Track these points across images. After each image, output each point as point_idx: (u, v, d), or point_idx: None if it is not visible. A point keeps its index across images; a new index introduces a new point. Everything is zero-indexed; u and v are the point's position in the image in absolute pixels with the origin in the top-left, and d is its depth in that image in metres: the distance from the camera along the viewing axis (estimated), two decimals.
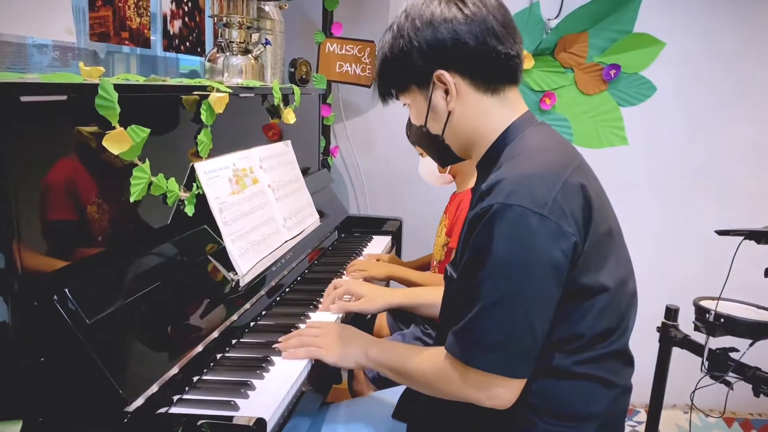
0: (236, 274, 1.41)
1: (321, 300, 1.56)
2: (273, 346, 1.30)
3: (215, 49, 1.92)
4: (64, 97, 0.95)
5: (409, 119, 1.86)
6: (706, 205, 2.66)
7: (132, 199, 1.15)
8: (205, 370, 1.19)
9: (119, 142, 1.05)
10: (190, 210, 1.35)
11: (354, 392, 1.79)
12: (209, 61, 1.91)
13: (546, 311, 1.01)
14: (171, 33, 2.10)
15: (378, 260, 1.99)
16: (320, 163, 2.40)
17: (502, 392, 1.04)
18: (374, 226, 2.37)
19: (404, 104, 1.21)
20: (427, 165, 1.87)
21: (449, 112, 1.13)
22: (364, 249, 2.12)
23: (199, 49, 2.28)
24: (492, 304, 1.00)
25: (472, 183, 1.81)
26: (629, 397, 1.17)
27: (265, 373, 1.19)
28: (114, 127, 1.05)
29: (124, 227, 1.18)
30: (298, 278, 1.75)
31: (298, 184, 1.93)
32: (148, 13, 1.94)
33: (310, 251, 1.89)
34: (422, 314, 1.57)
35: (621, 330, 1.10)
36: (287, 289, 1.66)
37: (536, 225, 0.97)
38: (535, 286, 0.99)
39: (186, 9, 2.17)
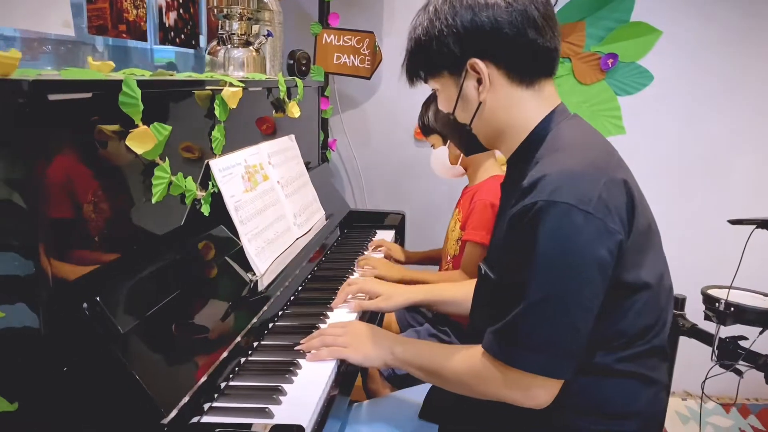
0: (254, 274, 1.37)
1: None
2: (296, 348, 1.26)
3: (216, 42, 1.86)
4: (90, 95, 0.89)
5: (423, 108, 1.84)
6: (705, 193, 2.67)
7: (154, 200, 1.10)
8: (231, 376, 1.15)
9: (143, 141, 1.00)
10: (206, 209, 1.30)
11: (369, 391, 1.76)
12: (209, 54, 1.86)
13: (590, 311, 0.98)
14: (166, 25, 2.03)
15: (380, 246, 1.96)
16: (320, 157, 2.36)
17: (541, 392, 1.01)
18: (376, 220, 2.33)
19: (433, 89, 1.18)
20: (439, 157, 1.83)
21: (480, 103, 1.10)
22: (370, 245, 2.08)
23: (193, 42, 2.21)
24: (536, 304, 0.97)
25: (484, 176, 1.79)
26: (667, 393, 1.16)
27: (293, 377, 1.15)
28: (137, 125, 1.00)
29: (143, 230, 1.13)
30: (309, 276, 1.71)
31: (304, 180, 1.89)
32: (144, 5, 1.87)
33: (317, 248, 1.85)
34: (440, 312, 1.54)
35: (659, 326, 1.08)
36: (299, 288, 1.62)
37: (582, 223, 0.94)
38: (581, 286, 0.96)
39: (180, 0, 2.10)
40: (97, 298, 0.88)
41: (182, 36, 2.12)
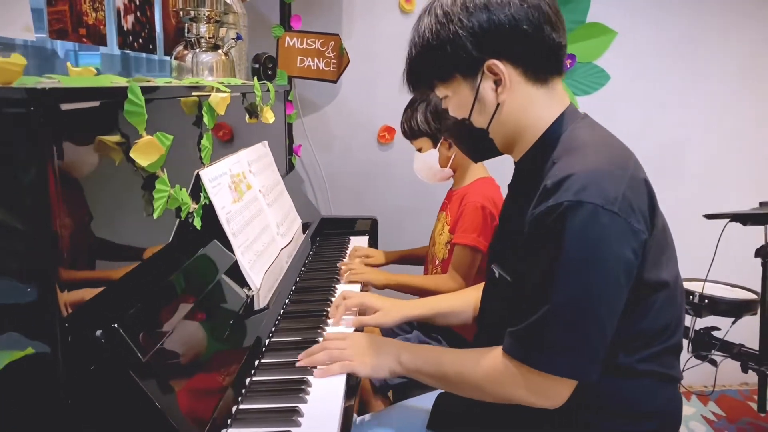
0: (250, 289, 1.30)
1: (327, 311, 1.47)
2: (299, 364, 1.20)
3: (182, 46, 1.77)
4: (97, 104, 0.82)
5: (408, 111, 1.79)
6: (662, 189, 2.73)
7: (155, 215, 1.02)
8: (239, 398, 1.08)
9: (148, 153, 0.92)
10: (198, 222, 1.23)
11: (361, 402, 1.71)
12: (176, 58, 1.77)
13: (615, 312, 0.97)
14: (125, 29, 1.92)
15: (361, 255, 1.92)
16: (287, 164, 2.29)
17: (559, 394, 1.00)
18: (348, 226, 2.27)
19: (442, 97, 1.14)
20: (427, 161, 1.77)
21: (498, 105, 1.07)
22: (349, 255, 2.02)
23: (150, 46, 2.10)
24: (561, 306, 0.95)
25: (471, 178, 1.77)
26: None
27: (306, 396, 1.10)
28: (141, 136, 0.92)
29: (143, 247, 1.05)
30: (293, 288, 1.65)
31: (281, 188, 1.83)
32: (103, 7, 1.76)
33: (296, 258, 1.78)
34: (439, 324, 1.49)
35: (675, 324, 1.09)
36: (287, 301, 1.55)
37: (608, 223, 0.93)
38: (607, 287, 0.95)
39: (137, 3, 1.99)
40: (115, 325, 0.80)
41: (140, 40, 2.02)
